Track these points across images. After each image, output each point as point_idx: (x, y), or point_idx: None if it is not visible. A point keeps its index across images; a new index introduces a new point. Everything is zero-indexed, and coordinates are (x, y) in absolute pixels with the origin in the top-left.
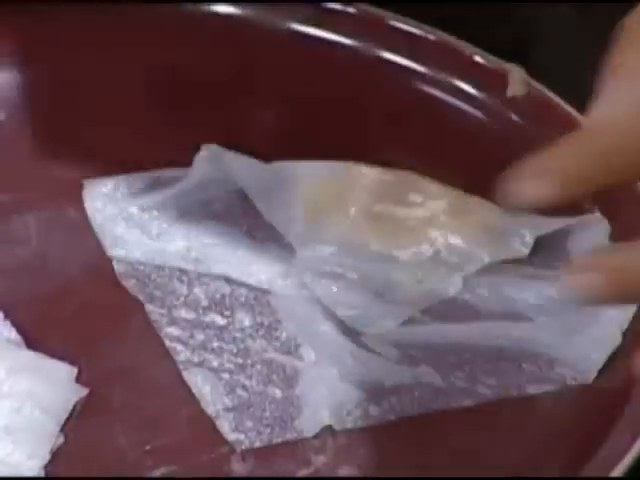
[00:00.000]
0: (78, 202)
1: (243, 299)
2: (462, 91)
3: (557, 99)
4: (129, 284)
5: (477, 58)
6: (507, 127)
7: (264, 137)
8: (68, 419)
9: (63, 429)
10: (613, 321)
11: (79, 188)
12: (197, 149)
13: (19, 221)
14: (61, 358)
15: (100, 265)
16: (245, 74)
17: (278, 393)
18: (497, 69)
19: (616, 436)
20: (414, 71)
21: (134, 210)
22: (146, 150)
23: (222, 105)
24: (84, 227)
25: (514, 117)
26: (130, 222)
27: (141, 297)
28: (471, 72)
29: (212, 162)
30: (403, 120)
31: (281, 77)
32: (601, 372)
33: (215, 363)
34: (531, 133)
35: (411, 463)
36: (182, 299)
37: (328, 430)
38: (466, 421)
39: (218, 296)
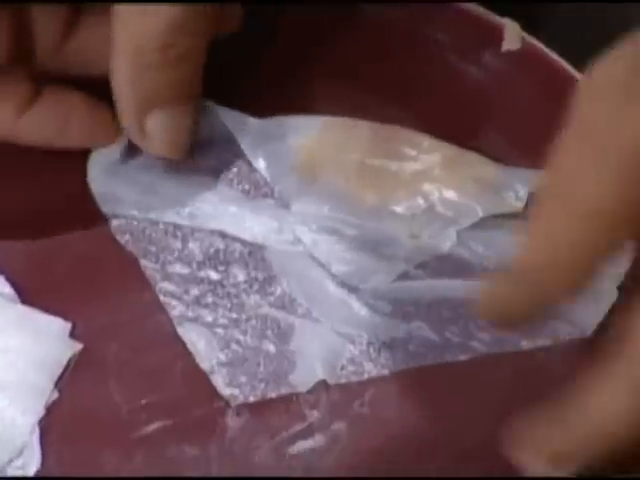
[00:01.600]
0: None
1: (237, 254)
2: (455, 45)
3: (551, 53)
4: (123, 239)
5: (471, 12)
6: (501, 81)
7: (261, 94)
8: (62, 374)
9: (57, 384)
10: (609, 276)
11: None
12: None
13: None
14: (55, 313)
15: (94, 220)
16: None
17: (272, 348)
18: (491, 23)
19: None
20: (410, 29)
21: (128, 166)
22: None
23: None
24: (79, 182)
25: (508, 71)
26: (124, 178)
27: (135, 252)
28: (465, 26)
29: (206, 118)
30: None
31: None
32: (597, 327)
33: (209, 318)
34: (525, 86)
35: (404, 418)
36: (176, 254)
37: (322, 385)
38: (460, 376)
39: (212, 251)
